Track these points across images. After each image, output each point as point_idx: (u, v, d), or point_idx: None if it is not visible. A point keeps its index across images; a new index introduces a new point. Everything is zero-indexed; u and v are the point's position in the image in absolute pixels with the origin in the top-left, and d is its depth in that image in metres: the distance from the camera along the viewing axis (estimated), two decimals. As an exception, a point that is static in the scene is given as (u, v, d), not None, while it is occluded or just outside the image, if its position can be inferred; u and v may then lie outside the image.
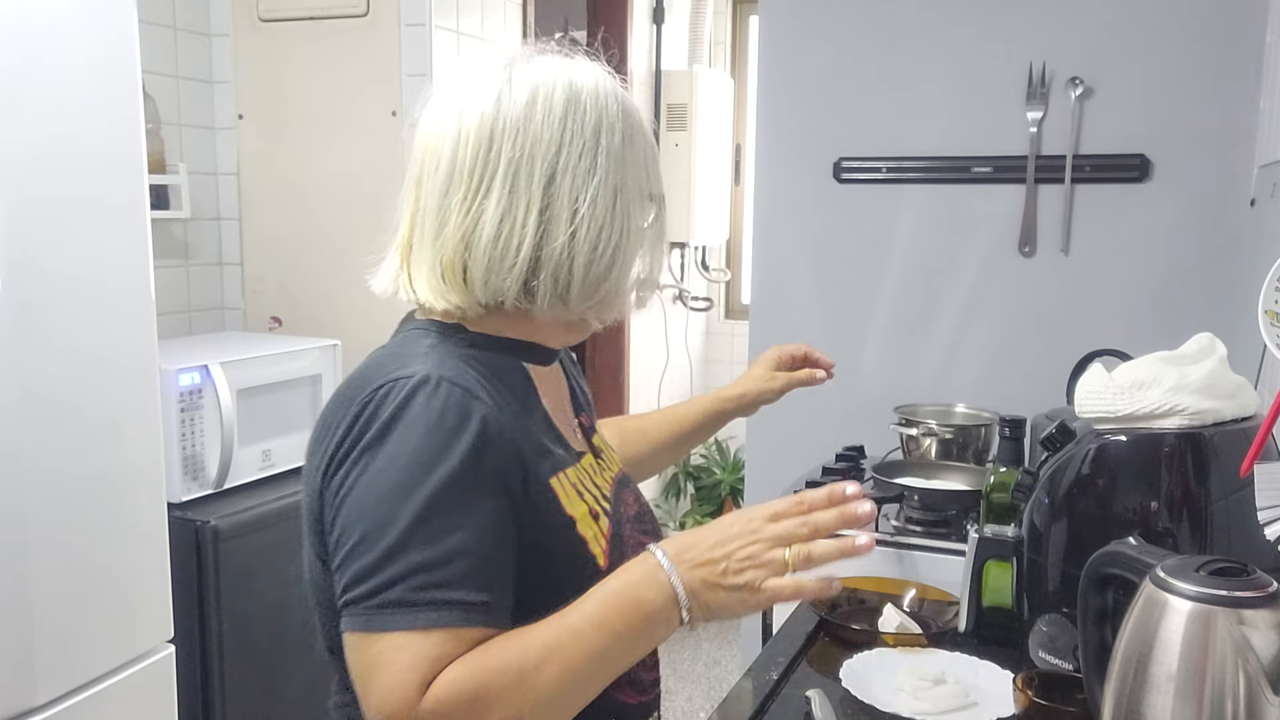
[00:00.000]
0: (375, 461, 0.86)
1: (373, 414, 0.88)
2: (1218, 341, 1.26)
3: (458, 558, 0.83)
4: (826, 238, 2.35)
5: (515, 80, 0.96)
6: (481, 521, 0.86)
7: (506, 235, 0.94)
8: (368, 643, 0.83)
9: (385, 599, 0.82)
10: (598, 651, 0.84)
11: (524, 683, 0.82)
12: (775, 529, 0.87)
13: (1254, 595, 0.87)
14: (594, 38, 1.10)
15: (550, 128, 0.94)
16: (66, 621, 1.60)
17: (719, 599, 0.85)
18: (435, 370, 0.90)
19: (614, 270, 0.98)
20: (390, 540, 0.83)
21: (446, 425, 0.86)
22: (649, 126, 1.03)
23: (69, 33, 1.57)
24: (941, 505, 1.71)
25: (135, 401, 1.73)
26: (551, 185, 0.94)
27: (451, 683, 0.80)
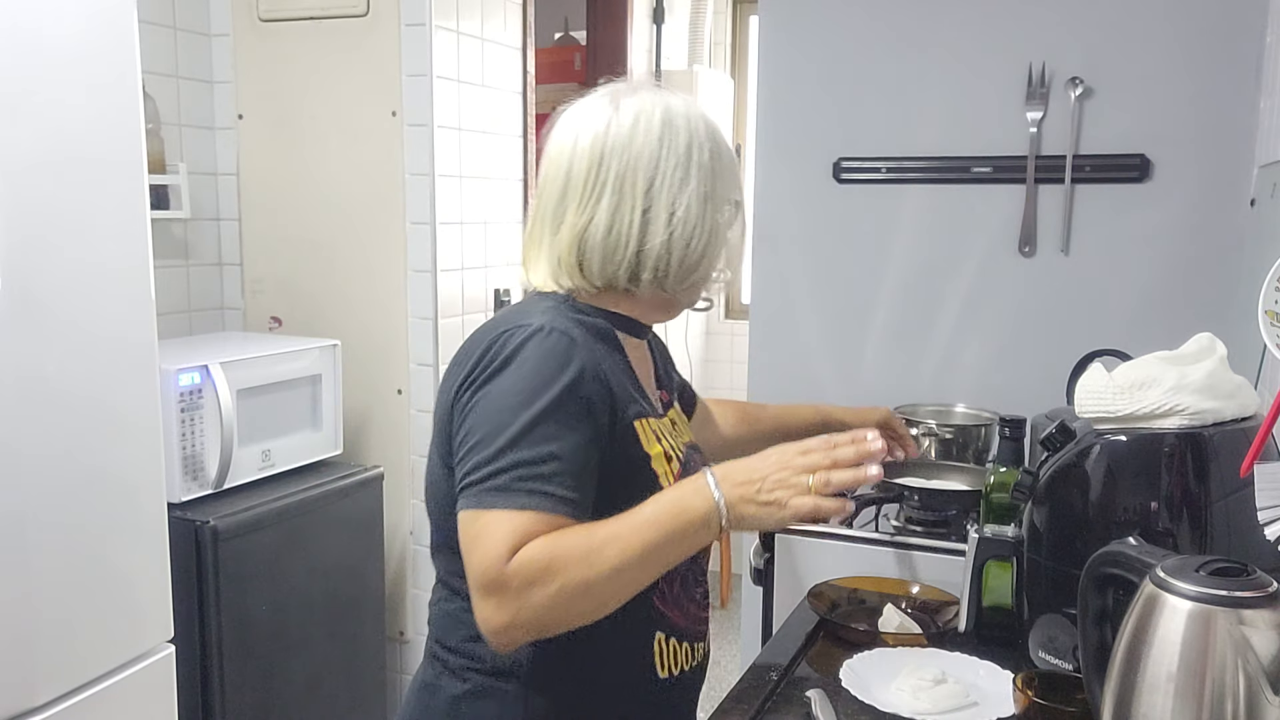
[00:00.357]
0: (497, 384, 1.09)
1: (499, 350, 1.11)
2: (1218, 341, 1.26)
3: (551, 460, 1.05)
4: (826, 238, 2.35)
5: (621, 108, 1.20)
6: (573, 439, 1.07)
7: (616, 232, 1.17)
8: (476, 516, 1.05)
9: (493, 484, 1.05)
10: (650, 543, 1.04)
11: (587, 559, 1.02)
12: (803, 460, 1.07)
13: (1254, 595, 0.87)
14: (594, 38, 1.23)
15: (650, 145, 1.17)
16: (66, 621, 1.60)
17: (752, 512, 1.06)
18: (549, 323, 1.12)
19: (703, 262, 1.20)
20: (502, 441, 1.05)
21: (552, 363, 1.09)
22: (731, 145, 1.26)
23: (69, 33, 1.57)
24: (941, 505, 1.71)
25: (135, 401, 1.73)
26: (651, 192, 1.17)
27: (531, 550, 1.01)
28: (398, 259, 2.63)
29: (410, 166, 2.59)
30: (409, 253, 2.62)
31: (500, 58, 2.84)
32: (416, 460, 2.70)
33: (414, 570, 2.76)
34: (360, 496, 2.51)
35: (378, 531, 2.59)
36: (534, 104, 2.98)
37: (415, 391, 2.67)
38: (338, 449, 2.54)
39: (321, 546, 2.39)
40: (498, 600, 1.02)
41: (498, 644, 1.06)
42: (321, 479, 2.43)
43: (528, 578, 1.01)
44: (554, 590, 1.01)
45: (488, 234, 2.83)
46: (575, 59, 3.88)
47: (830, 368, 2.37)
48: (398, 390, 2.68)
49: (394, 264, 2.63)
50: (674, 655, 1.20)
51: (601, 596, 1.04)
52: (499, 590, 1.01)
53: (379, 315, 2.67)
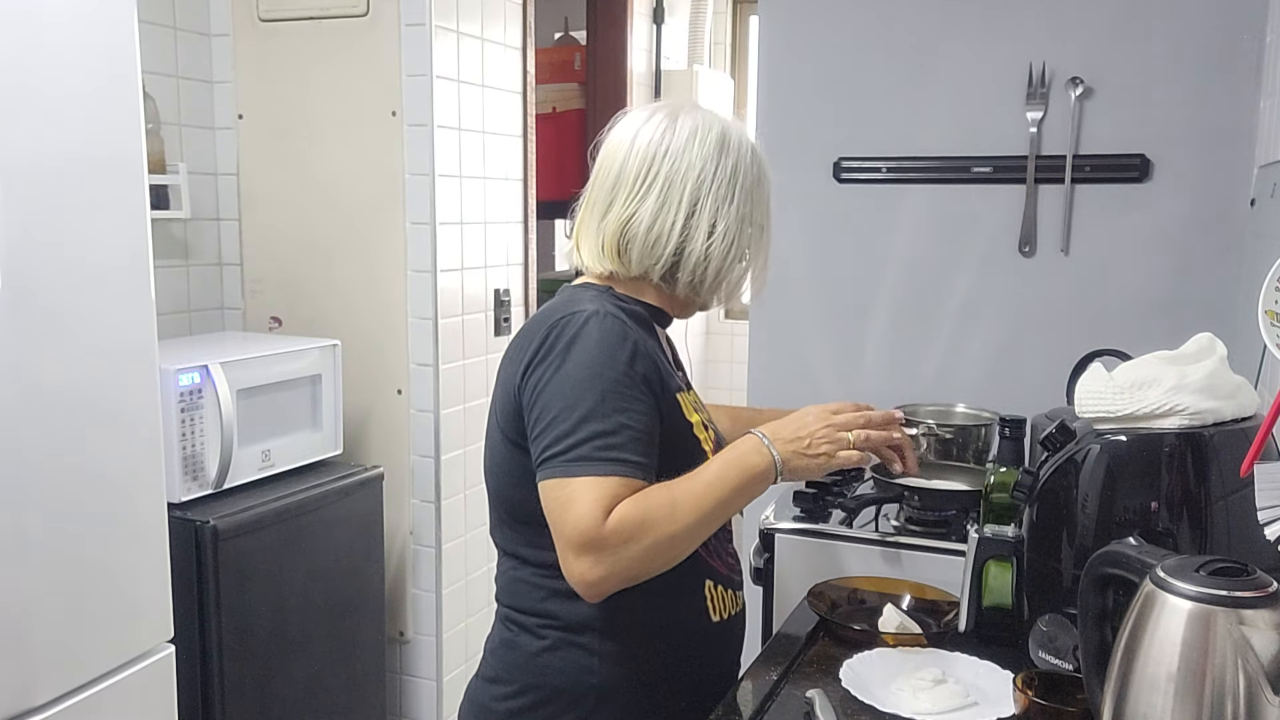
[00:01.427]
0: (565, 365, 1.20)
1: (560, 334, 1.22)
2: (1218, 341, 1.26)
3: (624, 429, 1.18)
4: (826, 238, 2.35)
5: (680, 121, 1.31)
6: (639, 408, 1.20)
7: (657, 230, 1.29)
8: (563, 485, 1.17)
9: (576, 455, 1.16)
10: (720, 498, 1.21)
11: (672, 514, 1.17)
12: (840, 418, 1.29)
13: (1254, 595, 0.87)
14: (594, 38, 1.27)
15: (702, 160, 1.29)
16: (66, 621, 1.60)
17: (803, 464, 1.26)
18: (601, 308, 1.24)
19: (735, 274, 1.34)
20: (578, 415, 1.17)
21: (612, 342, 1.21)
22: (770, 174, 1.38)
23: (69, 33, 1.57)
24: (941, 505, 1.71)
25: (135, 401, 1.73)
26: (696, 203, 1.29)
27: (624, 510, 1.14)
28: (398, 259, 2.63)
29: (410, 166, 2.59)
30: (409, 253, 2.62)
31: (500, 58, 2.84)
32: (417, 460, 2.70)
33: (414, 570, 2.76)
34: (360, 496, 2.51)
35: (378, 531, 2.59)
36: (534, 104, 2.98)
37: (415, 391, 2.67)
38: (338, 449, 2.54)
39: (321, 546, 2.39)
40: (595, 557, 1.14)
41: (590, 595, 1.18)
42: (321, 479, 2.43)
43: (625, 535, 1.14)
44: (648, 544, 1.15)
45: (488, 234, 2.83)
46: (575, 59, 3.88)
47: (830, 368, 2.37)
48: (398, 390, 2.68)
49: (394, 264, 2.63)
50: (722, 600, 1.34)
51: (682, 547, 1.20)
52: (597, 548, 1.14)
53: (379, 315, 2.67)
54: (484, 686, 1.34)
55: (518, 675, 1.30)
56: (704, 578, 1.32)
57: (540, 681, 1.29)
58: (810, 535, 1.74)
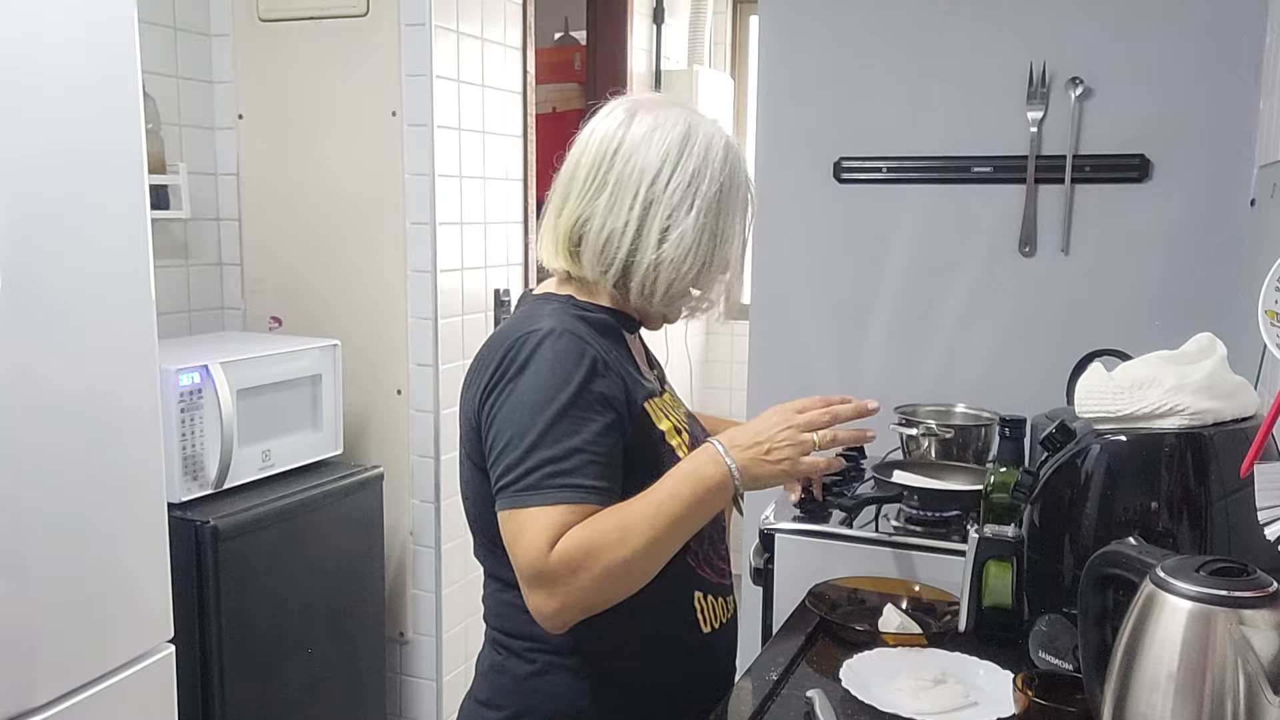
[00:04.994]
0: (518, 388, 1.16)
1: (515, 355, 1.17)
2: (1218, 341, 1.26)
3: (576, 454, 1.13)
4: (826, 238, 2.35)
5: (640, 117, 1.23)
6: (594, 429, 1.14)
7: (608, 235, 1.22)
8: (513, 516, 1.13)
9: (525, 484, 1.12)
10: (675, 515, 1.13)
11: (622, 538, 1.11)
12: (803, 417, 1.18)
13: (1254, 595, 0.87)
14: (594, 38, 1.25)
15: (659, 161, 1.21)
16: (66, 621, 1.60)
17: (764, 471, 1.16)
18: (558, 325, 1.19)
19: (692, 291, 1.26)
20: (528, 442, 1.13)
21: (566, 362, 1.16)
22: (749, 183, 1.29)
23: (69, 33, 1.57)
24: (941, 505, 1.71)
25: (135, 401, 1.73)
26: (648, 210, 1.21)
27: (570, 539, 1.10)
28: (398, 259, 2.63)
29: (410, 166, 2.59)
30: (409, 253, 2.62)
31: (500, 58, 2.84)
32: (416, 460, 2.70)
33: (414, 570, 2.76)
34: (360, 496, 2.51)
35: (378, 531, 2.59)
36: (534, 104, 2.98)
37: (415, 391, 2.67)
38: (338, 449, 2.54)
39: (321, 546, 2.39)
40: (546, 590, 1.11)
41: (551, 628, 1.15)
42: (321, 479, 2.43)
43: (572, 565, 1.09)
44: (598, 572, 1.10)
45: (487, 234, 2.83)
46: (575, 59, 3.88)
47: (830, 368, 2.37)
48: (397, 390, 2.68)
49: (394, 264, 2.63)
50: (713, 610, 1.30)
51: (640, 570, 1.14)
52: (546, 581, 1.10)
53: (379, 315, 2.67)
54: (477, 710, 1.31)
55: (509, 700, 1.27)
56: (693, 590, 1.28)
57: (532, 706, 1.25)
58: (810, 535, 1.74)
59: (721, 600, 1.33)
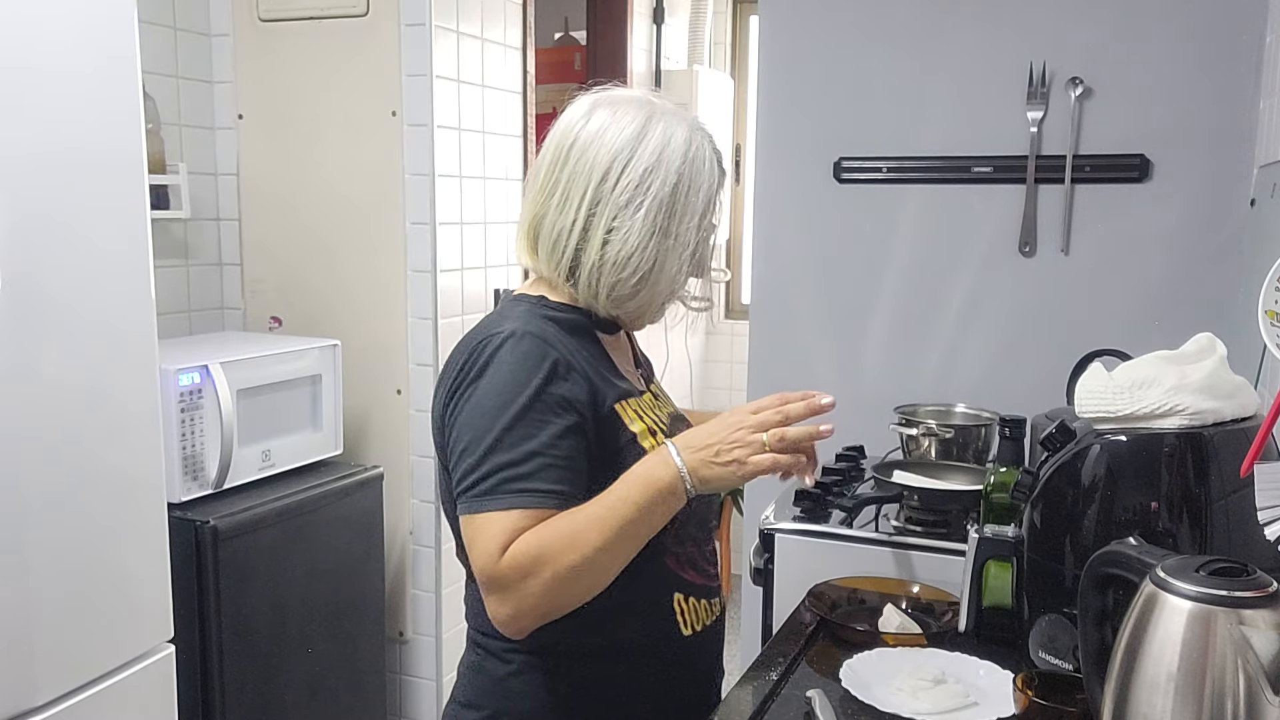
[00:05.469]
0: (477, 392, 1.15)
1: (476, 359, 1.16)
2: (1218, 341, 1.26)
3: (534, 457, 1.11)
4: (826, 238, 2.35)
5: (598, 112, 1.21)
6: (552, 432, 1.13)
7: (557, 230, 1.21)
8: (469, 521, 1.13)
9: (481, 489, 1.11)
10: (626, 519, 1.11)
11: (573, 544, 1.09)
12: (755, 418, 1.14)
13: (1254, 595, 0.87)
14: (594, 38, 1.24)
15: (609, 157, 1.18)
16: (66, 621, 1.60)
17: (714, 473, 1.12)
18: (522, 327, 1.17)
19: (640, 294, 1.22)
20: (485, 446, 1.12)
21: (528, 364, 1.14)
22: (714, 183, 1.24)
23: (69, 33, 1.57)
24: (941, 505, 1.71)
25: (135, 401, 1.73)
26: (595, 207, 1.18)
27: (520, 544, 1.09)
28: (398, 259, 2.63)
29: (410, 166, 2.59)
30: (409, 253, 2.62)
31: (500, 58, 2.84)
32: (416, 460, 2.70)
33: (414, 570, 2.76)
34: (360, 496, 2.51)
35: (378, 531, 2.59)
36: (534, 104, 2.98)
37: (415, 391, 2.67)
38: (338, 449, 2.54)
39: (321, 546, 2.39)
40: (499, 595, 1.11)
41: (510, 633, 1.14)
42: (321, 479, 2.43)
43: (522, 570, 1.08)
44: (547, 577, 1.08)
45: (487, 234, 2.83)
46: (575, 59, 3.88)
47: (830, 368, 2.37)
48: (397, 390, 2.68)
49: (394, 264, 2.63)
50: (695, 612, 1.28)
51: (592, 575, 1.11)
52: (498, 586, 1.10)
53: (379, 315, 2.67)
54: (458, 711, 1.29)
55: (488, 700, 1.26)
56: (673, 591, 1.26)
57: (510, 707, 1.24)
58: (810, 535, 1.74)
59: (705, 602, 1.30)
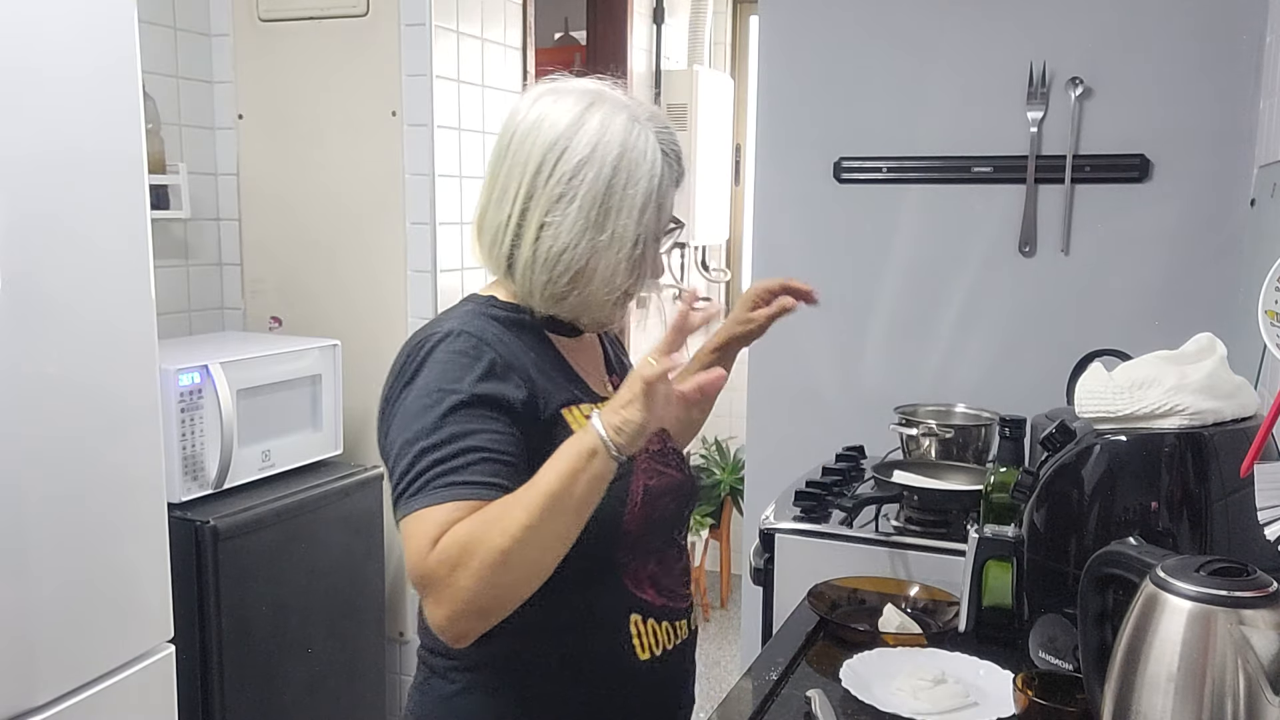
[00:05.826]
0: (410, 394, 1.10)
1: (411, 361, 1.12)
2: (1218, 341, 1.26)
3: (468, 452, 1.05)
4: (826, 238, 2.35)
5: (539, 103, 1.16)
6: (488, 429, 1.07)
7: (495, 227, 1.17)
8: (405, 524, 1.06)
9: (414, 488, 1.05)
10: (551, 491, 1.01)
11: (500, 525, 1.00)
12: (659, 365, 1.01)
13: (1254, 595, 0.87)
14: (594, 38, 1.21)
15: (543, 149, 1.13)
16: (66, 621, 1.60)
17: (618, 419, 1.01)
18: (459, 326, 1.14)
19: (574, 293, 1.16)
20: (417, 447, 1.06)
21: (461, 363, 1.10)
22: (657, 177, 1.15)
23: (69, 33, 1.57)
24: (941, 505, 1.71)
25: (135, 401, 1.73)
26: (529, 201, 1.14)
27: (449, 535, 1.01)
28: (398, 259, 2.62)
29: (410, 166, 2.59)
30: (409, 253, 2.62)
31: (500, 58, 2.84)
32: (416, 460, 2.70)
33: (414, 570, 2.75)
34: (360, 496, 2.51)
35: (378, 531, 2.59)
36: (534, 104, 2.98)
37: (415, 391, 2.67)
38: (338, 449, 2.54)
39: (321, 546, 2.39)
40: (433, 595, 1.02)
41: (451, 639, 1.04)
42: (321, 479, 2.43)
43: (450, 562, 1.00)
44: (476, 567, 0.99)
45: (488, 234, 2.83)
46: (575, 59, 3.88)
47: (830, 368, 2.37)
48: (398, 390, 2.68)
49: (394, 264, 2.63)
50: (653, 635, 1.20)
51: (526, 557, 1.01)
52: (429, 583, 1.02)
53: (379, 315, 2.67)
54: None
55: None
56: (628, 611, 1.18)
57: None
58: (810, 535, 1.74)
59: (668, 625, 1.22)
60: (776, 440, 2.43)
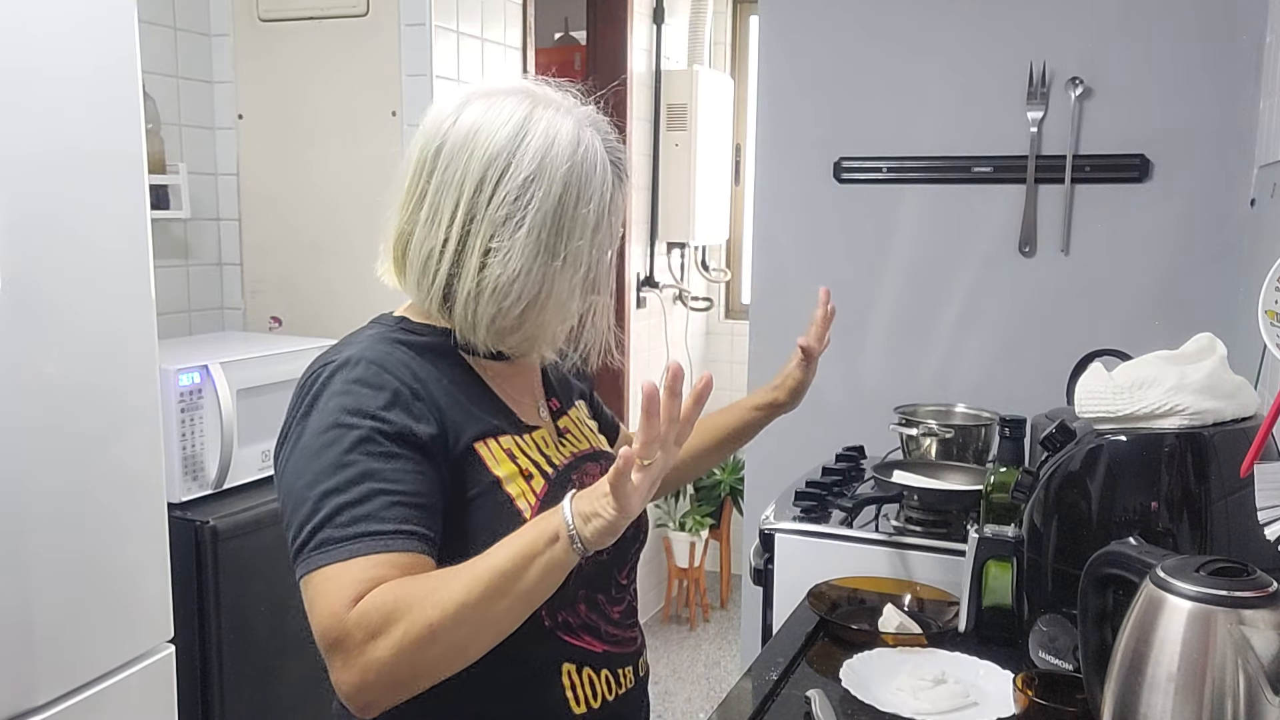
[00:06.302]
0: (305, 432, 0.99)
1: (306, 394, 1.02)
2: (1218, 341, 1.26)
3: (376, 495, 0.94)
4: (826, 238, 2.35)
5: (471, 107, 1.02)
6: (396, 467, 0.96)
7: (426, 254, 1.03)
8: (309, 582, 0.94)
9: (319, 540, 0.93)
10: (500, 567, 0.90)
11: (435, 596, 0.89)
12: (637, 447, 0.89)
13: (1254, 595, 0.87)
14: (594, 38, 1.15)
15: (484, 163, 0.99)
16: (66, 621, 1.60)
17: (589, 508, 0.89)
18: (359, 353, 1.02)
19: (526, 324, 1.04)
20: (318, 491, 0.94)
21: (361, 395, 0.98)
22: (608, 191, 1.04)
23: (69, 33, 1.57)
24: (941, 505, 1.71)
25: (135, 401, 1.73)
26: (470, 224, 1.00)
27: (374, 597, 0.90)
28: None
29: (410, 166, 2.59)
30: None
31: (500, 58, 2.84)
32: (416, 460, 2.70)
33: (414, 570, 2.76)
34: (360, 496, 2.51)
35: (378, 531, 2.59)
36: (534, 104, 2.98)
37: (415, 391, 2.67)
38: (338, 449, 2.54)
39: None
40: (342, 658, 0.90)
41: (355, 709, 0.93)
42: (321, 479, 2.43)
43: (369, 628, 0.89)
44: (398, 636, 0.88)
45: (488, 234, 2.83)
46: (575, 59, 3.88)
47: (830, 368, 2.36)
48: (398, 390, 2.68)
49: (394, 264, 2.63)
50: (590, 686, 1.07)
51: (455, 637, 0.90)
52: (341, 647, 0.90)
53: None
54: None
55: None
56: (560, 662, 1.05)
57: None
58: (810, 535, 1.74)
59: (608, 674, 1.09)
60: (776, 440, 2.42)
